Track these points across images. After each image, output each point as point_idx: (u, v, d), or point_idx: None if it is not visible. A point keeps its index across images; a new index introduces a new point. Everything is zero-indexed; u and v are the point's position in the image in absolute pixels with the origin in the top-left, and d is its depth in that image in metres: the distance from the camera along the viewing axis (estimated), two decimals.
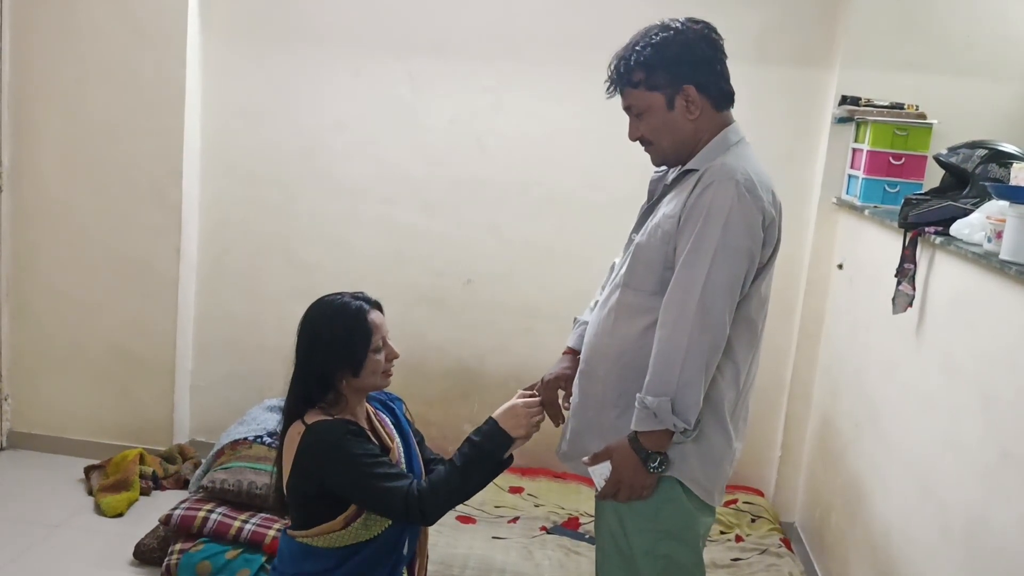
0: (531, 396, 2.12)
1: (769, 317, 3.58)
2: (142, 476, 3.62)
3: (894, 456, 2.69)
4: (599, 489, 2.00)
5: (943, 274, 2.44)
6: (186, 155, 3.71)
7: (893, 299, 2.62)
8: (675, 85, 1.96)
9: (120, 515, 3.44)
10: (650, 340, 1.93)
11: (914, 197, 2.61)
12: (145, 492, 3.60)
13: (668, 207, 1.98)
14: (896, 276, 2.62)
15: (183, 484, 3.66)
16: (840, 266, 3.41)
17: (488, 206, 3.82)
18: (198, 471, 3.39)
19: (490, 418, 2.07)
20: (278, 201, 3.84)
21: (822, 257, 3.58)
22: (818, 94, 3.56)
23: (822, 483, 3.42)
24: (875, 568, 2.73)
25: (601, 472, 1.98)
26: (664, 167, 2.13)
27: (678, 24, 1.98)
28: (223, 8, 3.74)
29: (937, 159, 2.63)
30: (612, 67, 2.02)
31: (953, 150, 2.58)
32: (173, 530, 3.05)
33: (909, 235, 2.57)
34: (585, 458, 2.02)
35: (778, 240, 2.00)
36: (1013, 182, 2.16)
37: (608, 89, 2.04)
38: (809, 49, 3.56)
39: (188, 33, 3.62)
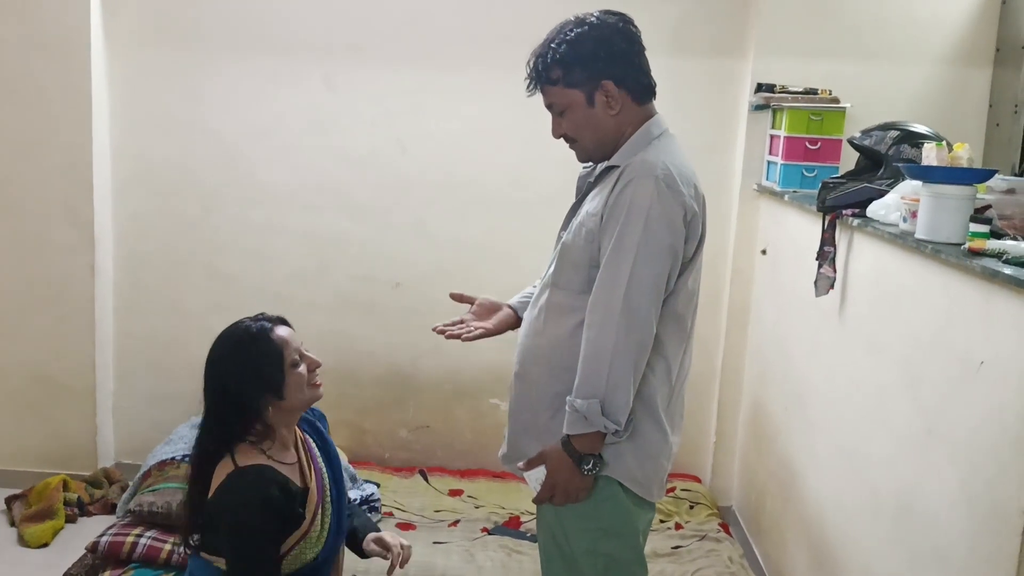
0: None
1: (700, 305, 3.64)
2: (66, 503, 3.49)
3: (823, 437, 2.73)
4: (535, 495, 2.00)
5: (862, 255, 2.49)
6: (96, 169, 3.58)
7: (815, 282, 2.65)
8: (593, 81, 1.94)
9: (45, 545, 3.32)
10: (580, 339, 1.92)
11: (831, 181, 2.65)
12: (71, 520, 3.48)
13: (591, 205, 1.97)
14: (817, 259, 2.66)
15: (110, 509, 3.54)
16: (764, 252, 3.45)
17: (414, 208, 3.77)
18: (125, 495, 3.28)
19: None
20: (196, 213, 3.74)
21: (746, 244, 3.62)
22: (735, 83, 3.60)
23: (756, 467, 3.46)
24: (811, 547, 2.77)
25: (536, 477, 1.97)
26: (591, 164, 2.11)
27: (593, 18, 1.96)
28: (128, 15, 3.62)
29: (851, 142, 2.67)
30: (530, 65, 1.99)
31: (866, 133, 2.63)
32: (101, 557, 2.95)
33: (828, 218, 2.61)
34: (520, 463, 2.01)
35: (702, 234, 1.99)
36: (925, 162, 2.20)
37: (528, 87, 2.01)
38: (724, 39, 3.59)
39: (92, 42, 3.50)
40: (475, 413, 3.85)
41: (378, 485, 3.53)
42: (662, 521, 3.40)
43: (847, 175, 2.68)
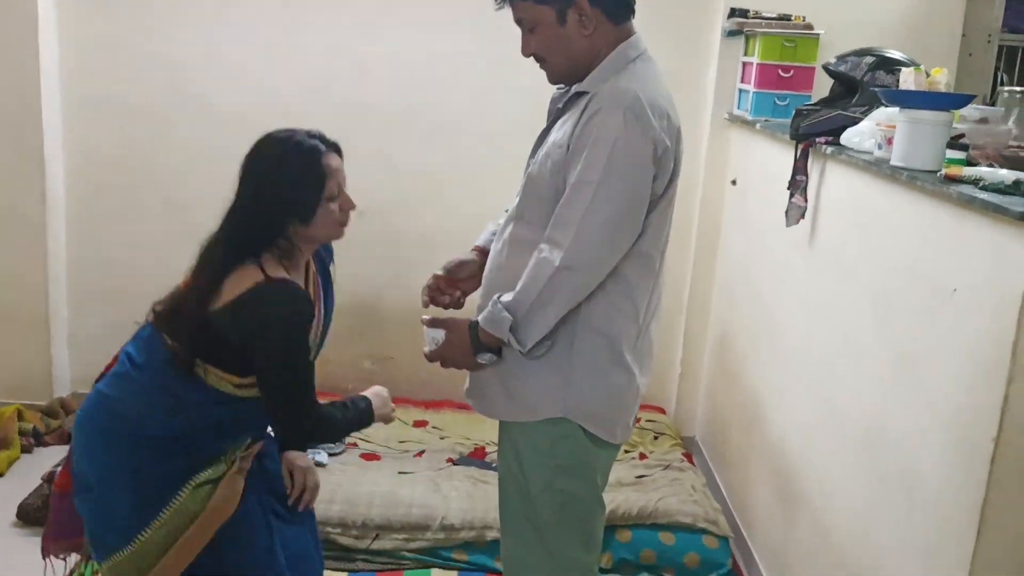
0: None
1: (667, 242, 3.62)
2: (22, 433, 3.42)
3: (791, 367, 2.73)
4: (427, 351, 1.97)
5: (835, 184, 2.45)
6: (44, 91, 3.43)
7: (786, 212, 2.62)
8: (565, 1, 1.83)
9: (0, 475, 3.25)
10: None
11: (804, 108, 2.60)
12: (26, 449, 3.41)
13: (557, 134, 1.88)
14: (788, 189, 2.62)
15: (66, 439, 3.46)
16: (734, 182, 3.41)
17: (375, 134, 3.66)
18: None
19: (365, 398, 2.11)
20: (149, 136, 3.60)
21: (716, 174, 3.57)
22: (707, 7, 3.52)
23: (721, 398, 3.47)
24: (774, 474, 2.79)
25: (434, 336, 1.95)
26: (563, 87, 2.00)
27: None
28: None
29: (826, 68, 2.61)
30: None
31: (841, 59, 2.57)
32: None
33: (800, 147, 2.57)
34: (425, 317, 1.98)
35: (675, 168, 1.91)
36: (902, 87, 2.16)
37: (496, 0, 1.89)
38: None
39: None
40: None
41: None
42: (626, 451, 3.40)
43: (821, 102, 2.63)
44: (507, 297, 1.85)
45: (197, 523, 1.94)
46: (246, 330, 1.89)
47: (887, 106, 2.21)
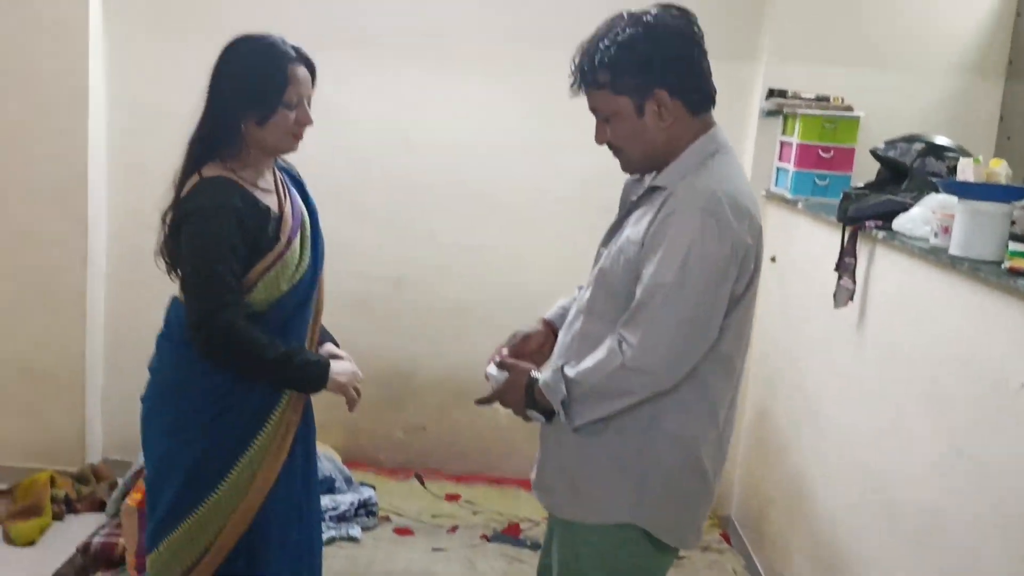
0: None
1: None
2: (54, 500, 3.39)
3: (838, 450, 2.70)
4: (481, 398, 1.97)
5: (886, 268, 2.45)
6: (91, 157, 3.48)
7: (834, 294, 2.62)
8: (645, 89, 1.75)
9: (32, 543, 3.20)
10: None
11: (853, 191, 2.61)
12: (58, 517, 3.37)
13: (632, 230, 1.81)
14: (836, 270, 2.62)
15: (99, 506, 3.44)
16: (773, 259, 3.41)
17: (418, 207, 3.70)
18: (115, 492, 3.20)
19: (327, 361, 2.06)
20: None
21: None
22: (745, 87, 3.56)
23: (760, 477, 3.43)
24: (819, 562, 2.74)
25: (497, 380, 1.95)
26: (637, 175, 1.94)
27: (649, 17, 1.77)
28: (129, 4, 3.51)
29: (875, 153, 2.64)
30: (575, 63, 1.81)
31: (890, 144, 2.59)
32: (92, 559, 2.87)
33: (849, 229, 2.58)
34: (496, 359, 1.97)
35: (757, 266, 1.85)
36: (960, 177, 2.17)
37: (572, 87, 1.83)
38: (735, 43, 3.54)
39: (90, 25, 3.39)
40: (473, 415, 3.75)
41: (374, 488, 3.46)
42: None
43: (869, 186, 2.65)
44: (571, 371, 1.81)
45: (242, 505, 2.02)
46: (176, 228, 1.99)
47: (943, 194, 2.21)
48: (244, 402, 2.04)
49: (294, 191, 2.17)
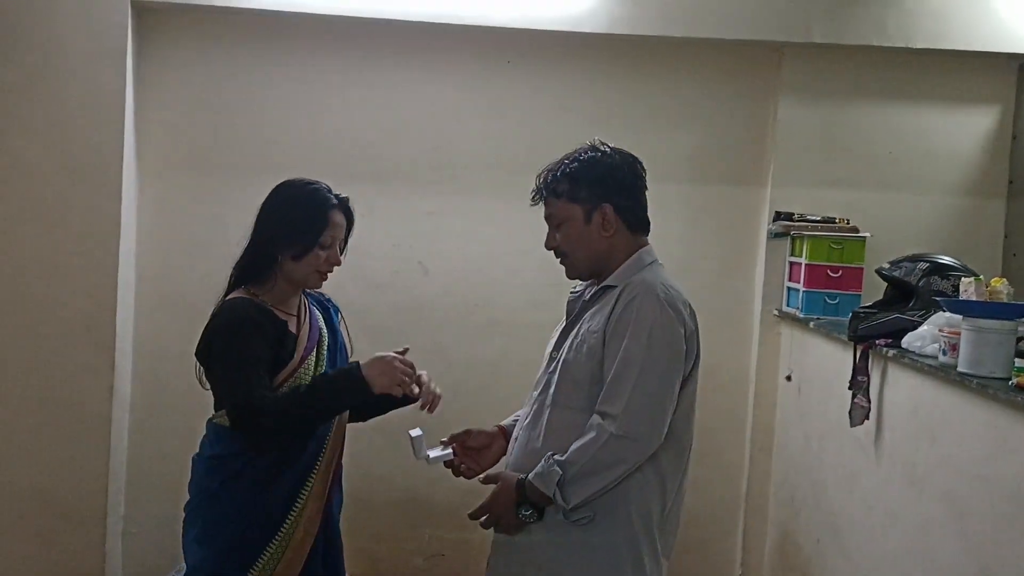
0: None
1: (721, 430, 3.61)
2: None
3: (861, 571, 2.66)
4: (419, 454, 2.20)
5: (898, 386, 2.48)
6: (120, 291, 3.58)
7: (850, 412, 2.64)
8: (595, 201, 2.05)
9: None
10: None
11: (861, 310, 2.67)
12: None
13: (591, 323, 2.04)
14: (850, 389, 2.65)
15: None
16: (788, 378, 3.44)
17: (432, 329, 3.77)
18: None
19: (355, 361, 2.13)
20: None
21: (768, 369, 3.61)
22: (752, 210, 3.66)
23: None
24: None
25: (435, 457, 2.19)
26: (579, 287, 2.21)
27: (607, 148, 2.10)
28: (160, 143, 3.68)
29: (880, 273, 2.70)
30: (540, 178, 2.11)
31: (895, 264, 2.66)
32: None
33: (860, 348, 2.62)
34: (481, 476, 2.15)
35: (697, 353, 2.06)
36: (963, 296, 2.23)
37: (533, 198, 2.13)
38: (741, 169, 3.67)
39: (124, 167, 3.55)
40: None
41: None
42: None
43: (877, 305, 2.70)
44: (559, 456, 1.95)
45: None
46: (206, 348, 2.17)
47: (948, 313, 2.26)
48: (261, 513, 2.16)
49: (316, 313, 2.32)
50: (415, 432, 2.19)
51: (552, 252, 2.14)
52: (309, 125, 3.71)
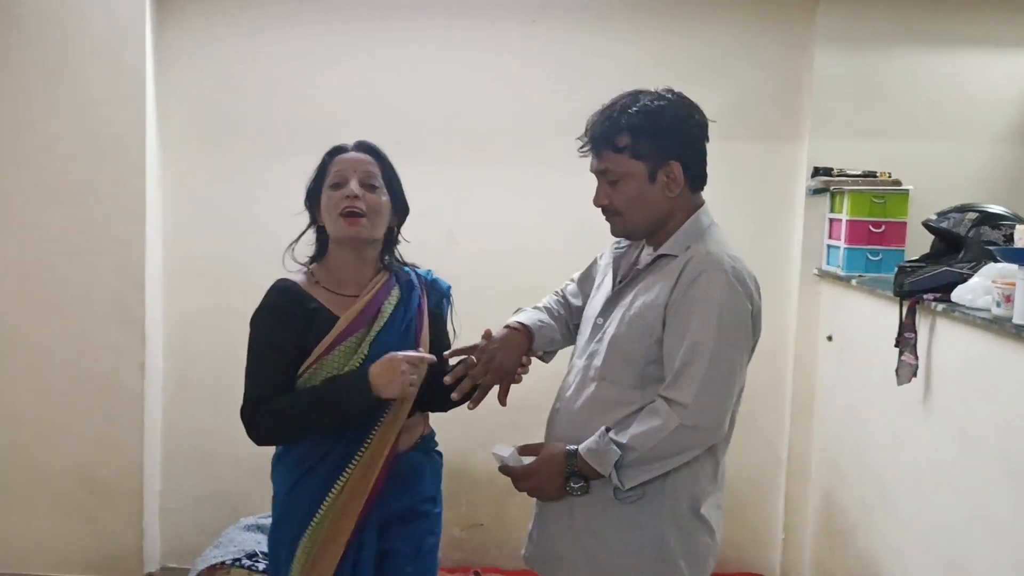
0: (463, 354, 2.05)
1: (760, 393, 3.52)
2: None
3: (912, 534, 2.58)
4: (501, 463, 1.96)
5: (948, 342, 2.38)
6: (148, 268, 3.56)
7: (896, 370, 2.54)
8: (661, 158, 1.86)
9: None
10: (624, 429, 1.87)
11: (907, 264, 2.57)
12: None
13: (647, 296, 1.88)
14: (897, 346, 2.55)
15: None
16: (829, 338, 3.34)
17: (461, 299, 3.70)
18: None
19: (362, 367, 1.97)
20: (245, 309, 3.67)
21: (808, 329, 3.51)
22: (789, 166, 3.55)
23: (830, 565, 3.29)
24: None
25: (513, 457, 1.95)
26: (625, 243, 2.05)
27: (671, 95, 1.90)
28: (182, 119, 3.64)
29: (927, 225, 2.59)
30: (593, 125, 1.90)
31: (943, 215, 2.55)
32: None
33: (907, 303, 2.52)
34: (518, 446, 1.98)
35: (760, 327, 1.94)
36: (1019, 244, 2.12)
37: (582, 148, 1.93)
38: (777, 122, 3.55)
39: (147, 144, 3.51)
40: (530, 510, 3.71)
41: None
42: None
43: (924, 258, 2.59)
44: (621, 436, 1.83)
45: None
46: None
47: (1001, 263, 2.16)
48: (296, 508, 2.04)
49: (391, 292, 2.11)
50: (500, 451, 1.98)
51: (600, 210, 1.94)
52: (331, 96, 3.65)
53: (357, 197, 2.01)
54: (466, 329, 3.72)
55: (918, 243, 3.05)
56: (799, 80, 3.52)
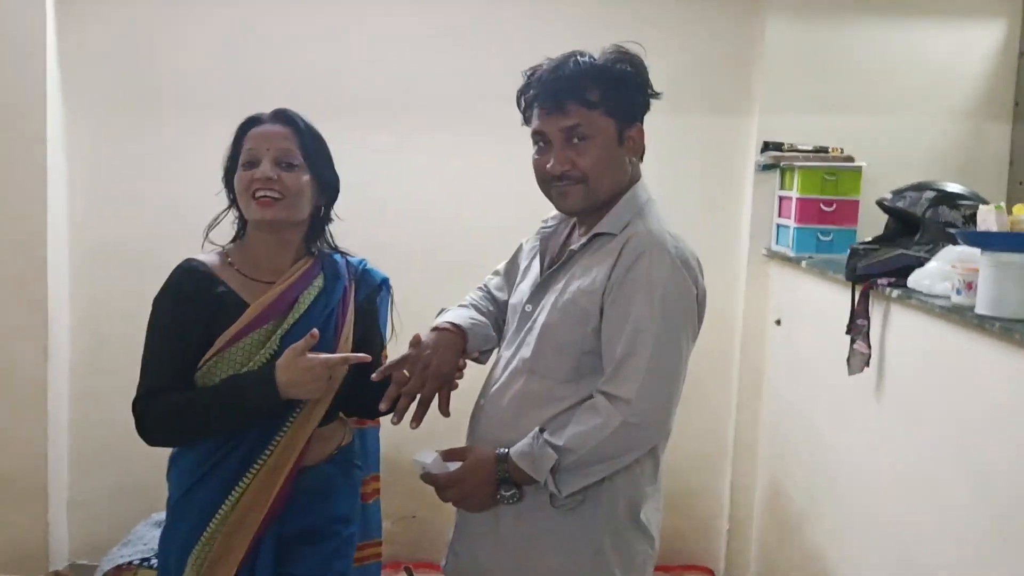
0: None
1: (705, 378, 3.35)
2: None
3: (861, 529, 2.45)
4: (423, 470, 1.73)
5: (904, 330, 2.23)
6: (51, 242, 3.28)
7: (847, 359, 2.40)
8: (631, 118, 1.71)
9: None
10: (559, 426, 1.68)
11: (860, 247, 2.42)
12: None
13: (583, 280, 1.70)
14: (848, 333, 2.40)
15: None
16: (778, 322, 3.19)
17: (392, 274, 3.49)
18: None
19: (271, 363, 1.75)
20: (157, 288, 3.44)
21: (756, 313, 3.36)
22: (737, 141, 3.37)
23: (778, 557, 3.16)
24: None
25: (436, 463, 1.72)
26: (552, 222, 1.88)
27: (631, 54, 1.75)
28: (89, 81, 3.34)
29: (882, 204, 2.45)
30: (555, 79, 1.69)
31: (898, 194, 2.40)
32: None
33: (859, 288, 2.37)
34: (438, 451, 1.75)
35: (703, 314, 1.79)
36: (981, 227, 1.97)
37: (543, 103, 1.69)
38: (725, 95, 3.37)
39: (48, 110, 3.22)
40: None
41: None
42: None
43: (878, 240, 2.45)
44: (556, 438, 1.65)
45: None
46: None
47: (961, 246, 2.01)
48: (193, 510, 1.84)
49: (311, 281, 1.88)
50: (422, 457, 1.75)
51: (549, 182, 1.72)
52: (254, 55, 3.38)
53: (271, 179, 1.80)
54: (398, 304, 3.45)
55: (871, 223, 2.92)
56: (749, 50, 3.33)
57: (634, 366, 1.62)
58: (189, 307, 1.81)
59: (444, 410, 1.81)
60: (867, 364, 2.34)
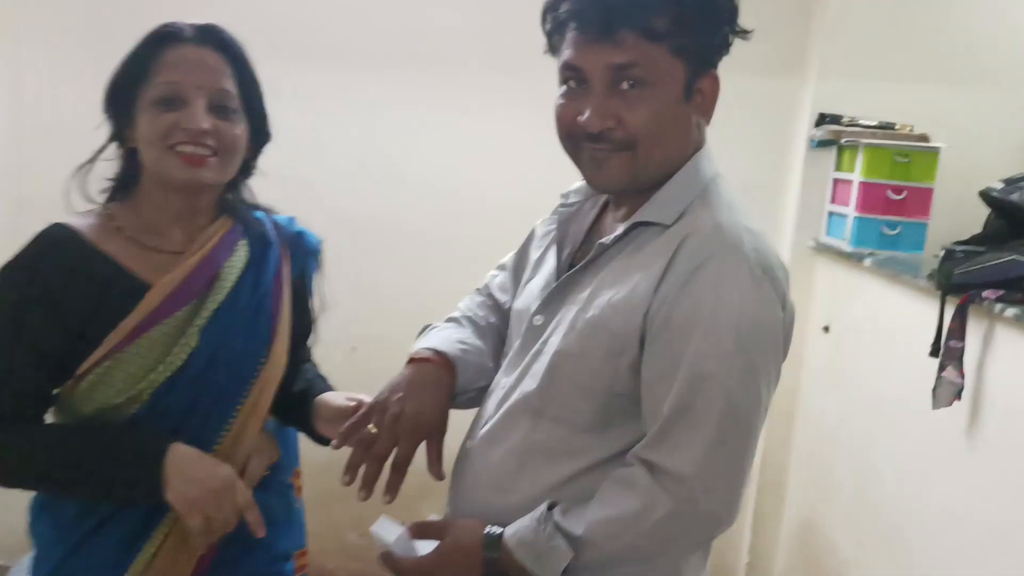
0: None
1: None
2: None
3: None
4: (383, 547, 1.26)
5: (1013, 358, 1.73)
6: None
7: (934, 389, 1.89)
8: (707, 61, 1.21)
9: None
10: (577, 491, 1.19)
11: (959, 249, 1.90)
12: None
13: (618, 290, 1.19)
14: (934, 355, 1.90)
15: None
16: (826, 329, 2.69)
17: (405, 248, 3.00)
18: None
19: (169, 444, 1.28)
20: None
21: (798, 314, 2.84)
22: (788, 110, 2.86)
23: None
24: None
25: (402, 542, 1.24)
26: (577, 198, 1.36)
27: None
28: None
29: (988, 196, 1.95)
30: None
31: (1012, 183, 1.89)
32: None
33: (955, 301, 1.86)
34: (410, 524, 1.27)
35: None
36: None
37: (582, 22, 1.16)
38: (773, 55, 2.83)
39: None
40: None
41: None
42: None
43: (979, 239, 1.94)
44: (575, 525, 1.15)
45: None
46: None
47: None
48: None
49: (229, 250, 1.41)
50: (382, 530, 1.30)
51: (584, 142, 1.20)
52: None
53: (205, 131, 1.30)
54: (406, 281, 2.92)
55: (945, 217, 2.44)
56: (806, 3, 2.81)
57: (692, 430, 1.12)
58: (56, 295, 1.28)
59: (435, 471, 1.30)
60: (958, 396, 1.84)
